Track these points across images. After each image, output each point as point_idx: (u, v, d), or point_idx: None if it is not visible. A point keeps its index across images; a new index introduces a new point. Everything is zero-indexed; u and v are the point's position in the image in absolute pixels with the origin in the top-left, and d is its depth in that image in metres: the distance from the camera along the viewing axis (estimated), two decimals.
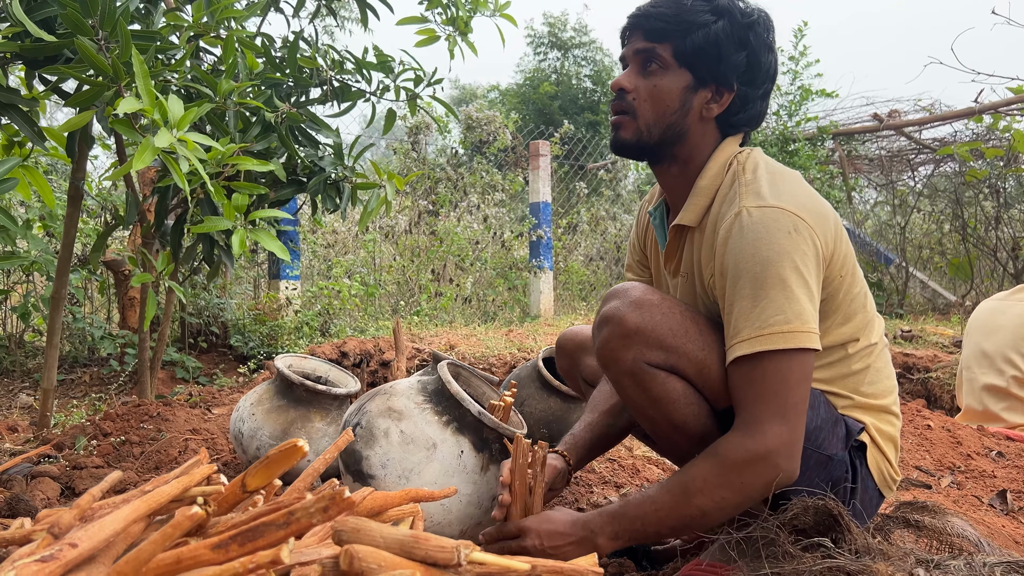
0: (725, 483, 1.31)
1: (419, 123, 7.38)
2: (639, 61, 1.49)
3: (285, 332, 4.56)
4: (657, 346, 1.36)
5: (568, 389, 2.50)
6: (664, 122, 1.48)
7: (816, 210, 1.40)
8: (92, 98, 2.00)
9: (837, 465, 1.44)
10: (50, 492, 2.42)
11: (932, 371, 3.94)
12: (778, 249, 1.33)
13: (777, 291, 1.32)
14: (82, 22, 1.93)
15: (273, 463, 0.97)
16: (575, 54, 20.11)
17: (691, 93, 1.47)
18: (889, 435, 1.52)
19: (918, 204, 8.38)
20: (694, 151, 1.52)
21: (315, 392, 2.20)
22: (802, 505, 1.31)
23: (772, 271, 1.32)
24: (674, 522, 1.35)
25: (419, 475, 1.46)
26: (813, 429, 1.41)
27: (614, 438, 1.70)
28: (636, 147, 1.51)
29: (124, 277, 4.33)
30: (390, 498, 1.09)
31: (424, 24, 2.98)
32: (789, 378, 1.31)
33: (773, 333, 1.31)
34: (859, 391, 1.50)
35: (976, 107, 6.61)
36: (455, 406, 1.53)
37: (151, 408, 2.94)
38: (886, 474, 1.51)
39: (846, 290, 1.46)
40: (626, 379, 1.40)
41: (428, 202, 7.01)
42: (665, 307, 1.39)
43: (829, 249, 1.40)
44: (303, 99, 2.88)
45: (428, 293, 6.08)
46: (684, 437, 1.42)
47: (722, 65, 1.45)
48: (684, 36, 1.44)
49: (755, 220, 1.36)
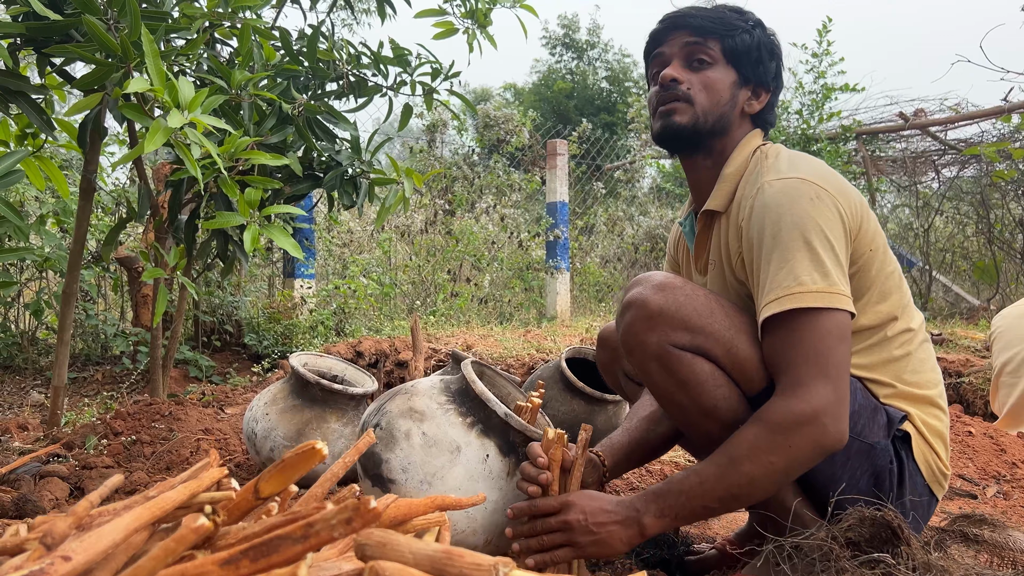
0: (772, 447, 1.24)
1: (436, 121, 7.30)
2: (685, 55, 1.51)
3: (300, 331, 4.49)
4: (682, 327, 1.31)
5: (592, 391, 2.41)
6: (717, 111, 1.50)
7: (838, 184, 1.39)
8: (100, 79, 1.92)
9: (880, 454, 1.36)
10: (58, 492, 2.35)
11: (965, 376, 3.82)
12: (801, 214, 1.32)
13: (803, 253, 1.29)
14: (91, 0, 1.86)
15: (289, 467, 0.89)
16: (590, 55, 20.05)
17: (737, 89, 1.52)
18: (936, 429, 1.44)
19: (941, 207, 8.22)
20: (729, 144, 1.54)
21: (331, 391, 2.12)
22: (858, 516, 1.22)
23: (796, 235, 1.30)
24: (722, 492, 1.28)
25: (442, 480, 1.37)
26: (852, 414, 1.34)
27: (655, 446, 1.61)
28: (691, 131, 1.49)
29: (138, 274, 4.27)
30: (415, 506, 1.00)
31: (442, 17, 2.91)
32: (827, 337, 1.26)
33: (803, 292, 1.27)
34: (901, 379, 1.43)
35: (1005, 106, 6.46)
36: (480, 407, 1.44)
37: (163, 407, 2.87)
38: (935, 468, 1.42)
39: (879, 266, 1.42)
40: (652, 363, 1.34)
41: (444, 201, 6.94)
42: (688, 289, 1.35)
43: (856, 220, 1.37)
44: (320, 91, 2.81)
45: (445, 293, 6.00)
46: (715, 423, 1.35)
47: (762, 68, 1.52)
48: (732, 36, 1.49)
49: (776, 190, 1.35)
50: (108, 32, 1.84)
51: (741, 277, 1.45)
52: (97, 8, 1.83)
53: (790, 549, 1.21)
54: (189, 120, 1.65)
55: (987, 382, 3.65)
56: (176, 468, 2.52)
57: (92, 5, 1.82)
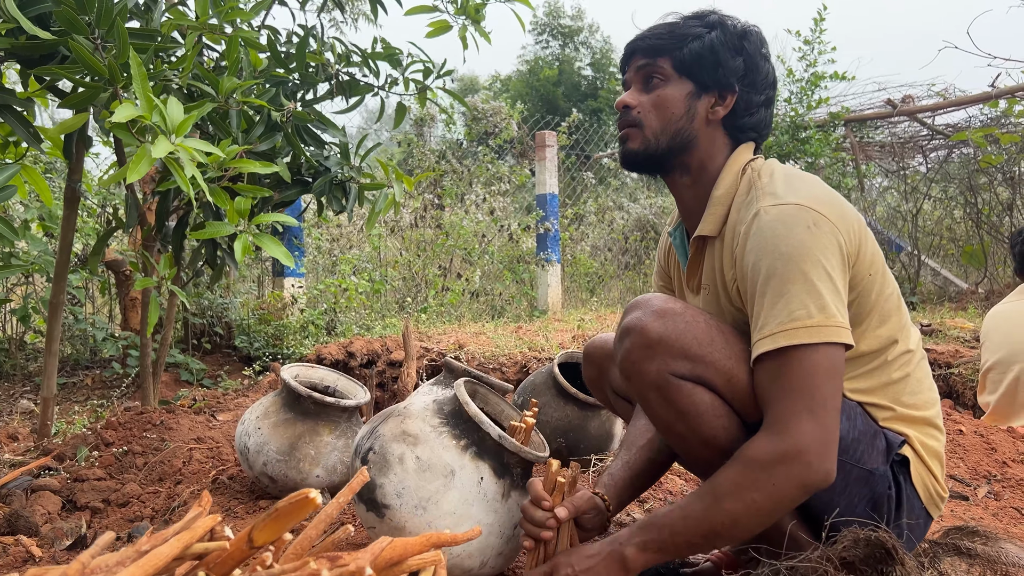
0: (755, 485, 1.23)
1: (424, 115, 7.26)
2: (640, 79, 1.51)
3: (290, 332, 4.48)
4: (682, 356, 1.30)
5: (586, 396, 2.41)
6: (671, 129, 1.48)
7: (837, 207, 1.36)
8: (87, 100, 1.90)
9: (879, 480, 1.36)
10: (50, 506, 2.34)
11: (954, 367, 3.84)
12: (798, 244, 1.29)
13: (799, 285, 1.27)
14: (77, 20, 1.83)
15: (282, 516, 0.88)
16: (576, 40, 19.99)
17: (694, 99, 1.48)
18: (934, 450, 1.44)
19: (929, 191, 8.24)
20: (705, 158, 1.50)
21: (323, 404, 2.11)
22: (852, 537, 1.22)
23: (793, 266, 1.28)
24: (704, 530, 1.27)
25: (437, 504, 1.37)
26: (851, 441, 1.34)
27: (655, 474, 1.61)
28: (645, 155, 1.49)
29: (125, 278, 4.24)
30: (410, 546, 1.00)
31: (435, 14, 2.87)
32: (816, 372, 1.24)
33: (797, 328, 1.25)
34: (900, 401, 1.42)
35: (992, 92, 6.47)
36: (474, 429, 1.43)
37: (154, 416, 2.86)
38: (932, 491, 1.42)
39: (878, 290, 1.40)
40: (651, 392, 1.33)
41: (434, 195, 6.91)
42: (689, 316, 1.33)
43: (854, 245, 1.35)
44: (312, 97, 2.78)
45: (435, 288, 5.99)
46: (714, 452, 1.34)
47: (721, 69, 1.47)
48: (681, 48, 1.47)
49: (773, 218, 1.33)
50: (96, 52, 1.82)
51: (737, 304, 1.43)
52: (84, 28, 1.80)
53: (786, 572, 1.21)
54: (178, 146, 1.63)
55: (976, 373, 3.67)
56: (168, 479, 2.51)
57: (79, 25, 1.79)
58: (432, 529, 1.35)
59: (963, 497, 2.18)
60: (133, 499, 2.38)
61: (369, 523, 1.42)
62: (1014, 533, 1.94)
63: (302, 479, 2.08)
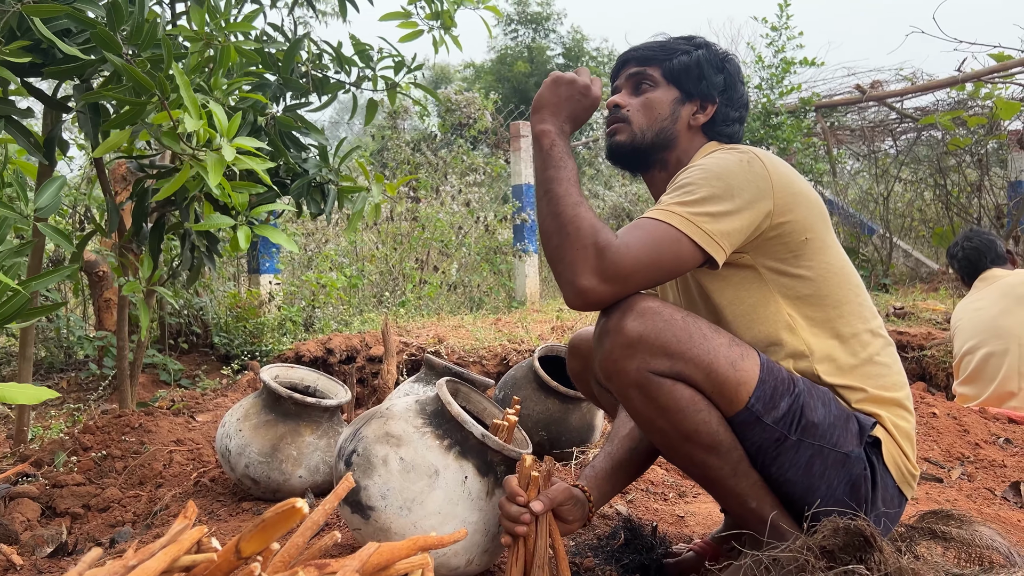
0: (573, 229, 1.35)
1: (398, 107, 7.22)
2: (631, 84, 1.66)
3: (268, 329, 4.45)
4: (661, 353, 1.32)
5: (566, 390, 2.42)
6: (656, 127, 1.61)
7: (783, 172, 1.45)
8: (135, 117, 1.91)
9: (855, 462, 1.39)
10: (30, 513, 2.32)
11: (927, 348, 3.91)
12: (722, 166, 1.41)
13: (703, 190, 1.38)
14: (111, 38, 1.82)
15: (270, 526, 0.88)
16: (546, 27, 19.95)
17: (679, 105, 1.62)
18: (904, 430, 1.48)
19: (900, 174, 8.35)
20: (682, 156, 1.62)
21: (304, 405, 2.11)
22: (832, 526, 1.24)
23: (708, 176, 1.40)
24: (559, 189, 1.40)
25: (421, 505, 1.37)
26: (827, 427, 1.37)
27: (638, 465, 1.62)
28: (631, 147, 1.62)
29: (99, 278, 4.18)
30: (397, 550, 1.00)
31: (407, 19, 2.86)
32: (662, 240, 1.34)
33: (672, 210, 1.36)
34: (871, 383, 1.46)
35: (959, 76, 6.56)
36: (457, 429, 1.44)
37: (132, 419, 2.83)
38: (904, 470, 1.46)
39: (823, 260, 1.46)
40: (632, 390, 1.35)
41: (408, 188, 6.88)
42: (666, 313, 1.35)
43: (783, 199, 1.42)
44: (296, 102, 2.76)
45: (413, 282, 5.98)
46: (695, 446, 1.37)
47: (704, 83, 1.62)
48: (671, 58, 1.63)
49: (712, 155, 1.47)
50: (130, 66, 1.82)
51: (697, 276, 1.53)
52: (118, 45, 1.80)
53: (768, 562, 1.23)
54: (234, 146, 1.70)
55: (948, 355, 3.76)
56: (149, 483, 2.49)
57: (113, 43, 1.79)
58: (418, 529, 1.36)
59: (937, 479, 2.23)
60: (114, 504, 2.37)
61: (354, 525, 1.43)
62: (987, 514, 1.99)
63: (285, 480, 2.08)
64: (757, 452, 1.38)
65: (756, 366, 1.35)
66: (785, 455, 1.37)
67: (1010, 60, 6.35)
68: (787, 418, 1.36)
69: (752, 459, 1.39)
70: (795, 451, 1.37)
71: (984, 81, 6.64)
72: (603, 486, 1.57)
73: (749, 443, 1.37)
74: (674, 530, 1.90)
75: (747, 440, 1.37)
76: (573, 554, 1.70)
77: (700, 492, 2.21)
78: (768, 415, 1.35)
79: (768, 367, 1.37)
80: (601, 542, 1.76)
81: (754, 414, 1.34)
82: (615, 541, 1.74)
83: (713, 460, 1.37)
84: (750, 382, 1.34)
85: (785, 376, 1.38)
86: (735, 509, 1.43)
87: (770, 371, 1.37)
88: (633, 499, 2.09)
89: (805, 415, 1.36)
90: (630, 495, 2.12)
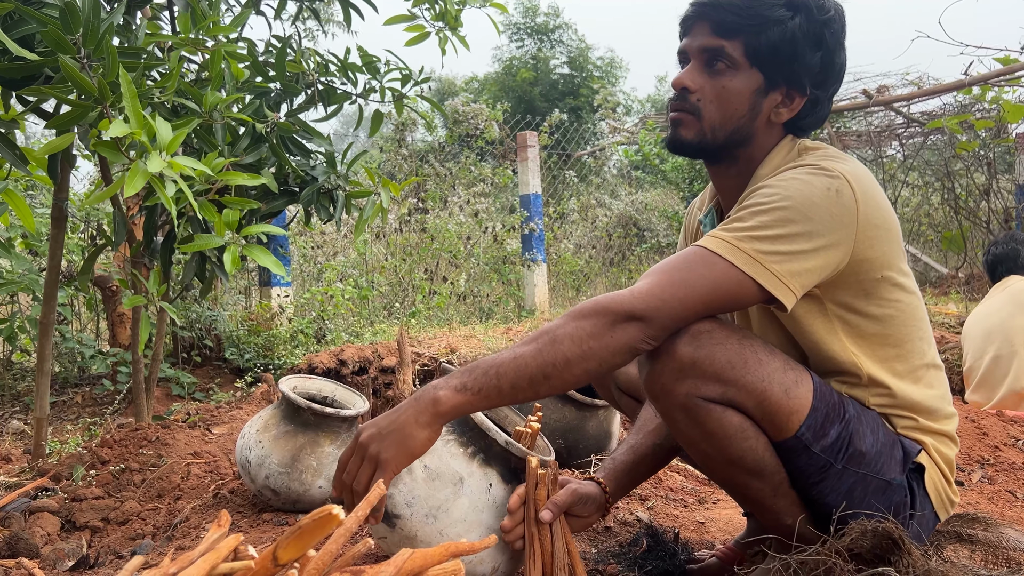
0: (596, 335, 1.20)
1: (405, 119, 7.26)
2: (704, 58, 1.37)
3: (280, 341, 4.46)
4: (713, 379, 1.24)
5: (583, 397, 2.42)
6: (730, 125, 1.37)
7: (872, 200, 1.29)
8: (75, 120, 1.90)
9: (896, 489, 1.37)
10: (50, 527, 2.33)
11: (941, 352, 3.90)
12: (808, 195, 1.24)
13: (781, 226, 1.22)
14: (64, 40, 1.82)
15: (306, 533, 0.89)
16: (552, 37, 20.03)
17: (761, 96, 1.37)
18: (948, 458, 1.44)
19: (907, 178, 8.34)
20: (756, 152, 1.42)
21: (323, 415, 2.11)
22: (860, 529, 1.24)
23: (787, 208, 1.23)
24: (533, 371, 1.21)
25: (447, 512, 1.38)
26: (874, 455, 1.34)
27: (661, 459, 1.59)
28: (697, 147, 1.40)
29: (112, 293, 4.20)
30: (430, 556, 1.01)
31: (413, 22, 2.89)
32: (704, 279, 1.22)
33: (734, 243, 1.22)
34: (923, 414, 1.42)
35: (965, 80, 6.55)
36: (480, 436, 1.45)
37: (149, 432, 2.84)
38: (944, 496, 1.44)
39: (909, 307, 1.37)
40: (678, 413, 1.29)
41: (417, 199, 6.91)
42: (719, 335, 1.26)
43: (864, 237, 1.28)
44: (292, 107, 2.78)
45: (423, 292, 5.99)
46: (738, 470, 1.33)
47: (796, 66, 1.34)
48: (758, 33, 1.32)
49: (800, 172, 1.28)
50: (83, 72, 1.81)
51: None
52: (71, 48, 1.79)
53: (795, 565, 1.23)
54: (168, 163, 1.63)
55: (961, 358, 3.76)
56: (168, 495, 2.50)
57: (65, 45, 1.78)
58: (443, 537, 1.36)
59: (959, 483, 2.22)
60: (133, 517, 2.38)
61: (379, 533, 1.43)
62: (1009, 516, 1.98)
63: (305, 490, 2.08)
64: (799, 475, 1.34)
65: (809, 392, 1.29)
66: (828, 481, 1.33)
67: (1016, 63, 6.34)
68: (835, 446, 1.31)
69: (792, 481, 1.35)
70: (838, 478, 1.33)
71: (991, 84, 6.63)
72: (622, 479, 1.53)
73: (792, 467, 1.33)
74: (695, 536, 1.90)
75: (791, 464, 1.33)
76: (596, 560, 1.70)
77: (720, 498, 2.21)
78: (817, 444, 1.30)
79: (820, 393, 1.31)
80: (623, 549, 1.77)
81: (803, 442, 1.30)
82: (637, 548, 1.74)
83: (755, 483, 1.34)
84: (802, 410, 1.28)
85: (836, 401, 1.33)
86: (769, 523, 1.40)
87: (822, 397, 1.31)
88: (653, 506, 2.09)
89: (853, 443, 1.32)
90: (650, 502, 2.12)
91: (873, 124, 8.19)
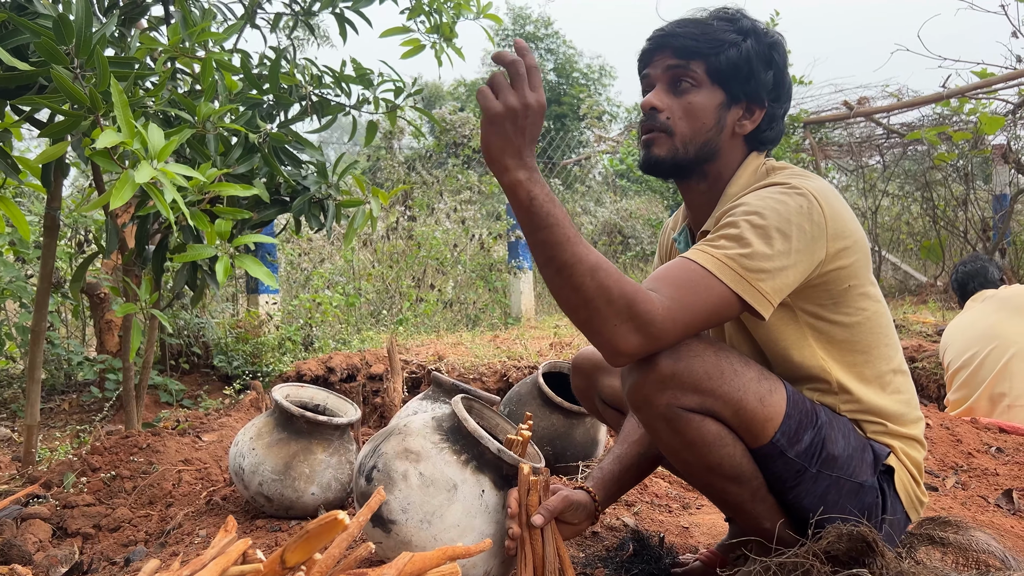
0: (610, 301, 1.23)
1: (393, 129, 7.30)
2: (668, 79, 1.47)
3: (268, 349, 4.49)
4: (692, 390, 1.31)
5: (570, 405, 2.48)
6: (700, 139, 1.47)
7: (838, 215, 1.37)
8: (68, 129, 1.93)
9: (868, 491, 1.43)
10: (42, 534, 2.34)
11: (918, 361, 3.99)
12: (783, 213, 1.31)
13: (763, 244, 1.29)
14: (56, 50, 1.86)
15: (313, 537, 0.93)
16: (540, 46, 20.10)
17: (724, 111, 1.47)
18: (916, 461, 1.51)
19: (887, 188, 8.48)
20: (724, 168, 1.51)
21: (316, 423, 2.15)
22: (836, 532, 1.30)
23: (766, 226, 1.30)
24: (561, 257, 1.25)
25: (441, 518, 1.42)
26: (846, 458, 1.41)
27: (645, 468, 1.66)
28: (671, 163, 1.48)
29: (99, 300, 4.22)
30: (428, 559, 1.06)
31: (408, 34, 2.93)
32: (708, 298, 1.26)
33: (726, 262, 1.27)
34: (891, 419, 1.49)
35: (944, 92, 6.69)
36: (473, 444, 1.49)
37: (140, 439, 2.86)
38: (913, 496, 1.51)
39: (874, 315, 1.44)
40: (659, 423, 1.36)
41: (404, 207, 6.95)
42: (697, 347, 1.33)
43: (834, 249, 1.36)
44: (284, 118, 2.82)
45: (410, 299, 6.03)
46: (717, 476, 1.40)
47: (753, 82, 1.46)
48: (717, 54, 1.43)
49: (773, 191, 1.36)
50: (75, 82, 1.84)
51: None
52: (64, 58, 1.82)
53: (775, 567, 1.29)
54: (159, 171, 1.66)
55: (938, 366, 3.84)
56: (159, 502, 2.52)
57: (58, 55, 1.82)
58: (438, 542, 1.41)
59: (932, 488, 2.29)
60: (125, 523, 2.40)
61: (375, 538, 1.47)
62: (981, 520, 2.05)
63: (298, 497, 2.12)
64: (776, 480, 1.41)
65: (783, 400, 1.36)
66: (803, 485, 1.40)
67: (993, 76, 6.49)
68: (809, 451, 1.38)
69: (770, 485, 1.42)
70: (813, 482, 1.40)
71: (968, 97, 6.77)
72: (610, 487, 1.59)
73: (769, 472, 1.40)
74: (680, 541, 1.95)
75: (768, 470, 1.40)
76: (583, 565, 1.75)
77: (703, 504, 2.27)
78: (791, 449, 1.37)
79: (793, 400, 1.38)
80: (610, 553, 1.82)
81: (778, 448, 1.36)
82: (624, 552, 1.80)
83: (733, 488, 1.41)
84: (776, 418, 1.35)
85: (808, 408, 1.40)
86: (749, 526, 1.47)
87: (795, 405, 1.38)
88: (639, 511, 2.14)
89: (826, 448, 1.39)
90: (636, 507, 2.17)
91: (854, 135, 8.32)
